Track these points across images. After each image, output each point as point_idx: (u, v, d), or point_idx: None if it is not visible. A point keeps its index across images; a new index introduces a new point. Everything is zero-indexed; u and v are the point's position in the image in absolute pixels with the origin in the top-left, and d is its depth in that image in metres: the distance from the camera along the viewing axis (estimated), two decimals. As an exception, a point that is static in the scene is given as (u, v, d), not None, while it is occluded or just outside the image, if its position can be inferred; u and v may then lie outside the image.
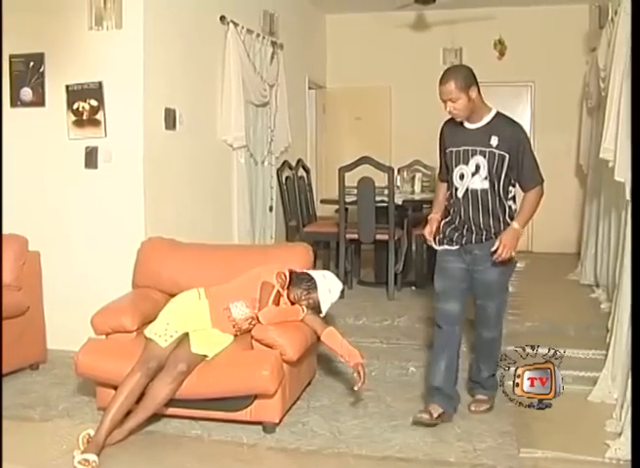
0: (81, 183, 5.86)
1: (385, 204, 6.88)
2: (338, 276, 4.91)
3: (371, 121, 10.38)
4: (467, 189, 4.38)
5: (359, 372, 4.36)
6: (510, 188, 4.40)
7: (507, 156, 4.26)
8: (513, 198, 4.44)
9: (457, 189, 4.43)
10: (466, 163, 4.36)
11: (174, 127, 6.13)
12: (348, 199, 7.09)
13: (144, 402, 4.16)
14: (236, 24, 7.07)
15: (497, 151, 4.27)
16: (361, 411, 4.72)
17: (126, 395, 4.07)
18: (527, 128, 10.10)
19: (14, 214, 5.89)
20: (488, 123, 4.33)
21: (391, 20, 10.16)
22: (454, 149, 4.43)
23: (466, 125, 4.37)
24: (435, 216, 4.65)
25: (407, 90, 10.17)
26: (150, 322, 4.45)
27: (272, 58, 8.05)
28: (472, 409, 4.67)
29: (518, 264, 8.68)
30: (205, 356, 4.27)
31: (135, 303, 4.84)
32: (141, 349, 4.25)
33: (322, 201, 8.26)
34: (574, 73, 9.26)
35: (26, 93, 5.96)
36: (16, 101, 5.99)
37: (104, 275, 5.73)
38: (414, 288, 7.25)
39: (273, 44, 8.10)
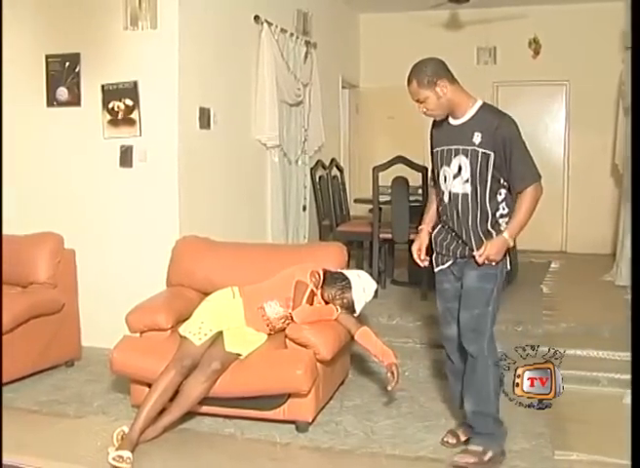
0: (116, 182, 5.89)
1: (419, 203, 6.86)
2: (371, 275, 4.89)
3: (404, 120, 10.28)
4: (450, 193, 3.92)
5: (393, 372, 4.32)
6: (501, 191, 3.85)
7: (492, 154, 3.75)
8: (503, 203, 3.88)
9: (443, 193, 3.98)
10: (448, 164, 3.90)
11: (208, 126, 6.15)
12: (382, 198, 7.07)
13: (178, 400, 4.17)
14: (270, 24, 7.09)
15: (480, 149, 3.77)
16: (394, 411, 4.70)
17: (160, 393, 4.09)
18: (562, 127, 10.06)
19: (49, 212, 5.98)
20: (472, 117, 3.84)
21: (425, 20, 10.13)
22: (438, 149, 4.00)
23: (450, 121, 3.92)
24: (425, 228, 4.19)
25: (440, 89, 10.12)
26: (184, 320, 4.47)
27: (306, 57, 8.06)
28: (455, 458, 3.93)
29: (552, 264, 8.74)
30: (239, 355, 4.27)
31: (169, 301, 4.87)
32: (176, 347, 4.26)
33: (356, 200, 8.26)
34: (609, 72, 9.17)
35: (62, 92, 6.00)
36: (52, 101, 6.04)
37: (139, 273, 5.76)
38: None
39: (307, 43, 8.11)
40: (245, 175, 6.93)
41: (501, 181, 3.83)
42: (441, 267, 4.06)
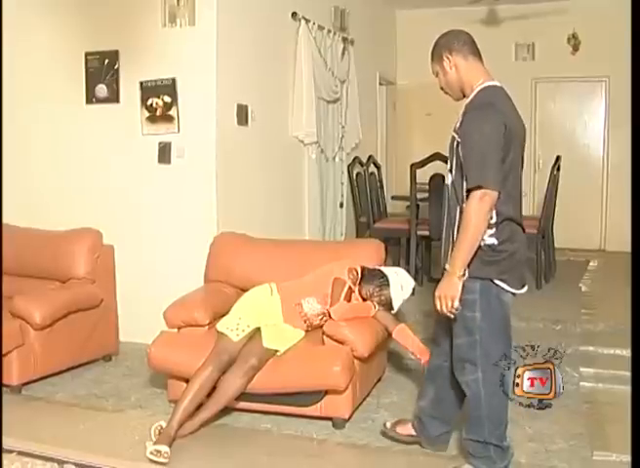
0: (154, 178, 5.93)
1: (457, 201, 6.81)
2: (408, 273, 4.87)
3: (441, 117, 10.11)
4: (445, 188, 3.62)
5: (430, 370, 4.30)
6: None
7: (460, 142, 3.40)
8: None
9: None
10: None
11: (246, 123, 6.16)
12: (419, 195, 7.04)
13: (216, 395, 4.19)
14: (307, 21, 7.09)
15: (456, 136, 3.45)
16: (431, 409, 4.68)
17: (198, 388, 4.10)
18: (601, 124, 9.92)
19: (89, 208, 6.04)
20: (470, 100, 3.49)
21: (462, 16, 9.98)
22: None
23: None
24: None
25: (478, 85, 10.08)
26: (222, 316, 4.48)
27: (343, 54, 8.05)
28: None
29: (591, 263, 8.63)
30: (276, 351, 4.28)
31: (207, 297, 4.89)
32: (213, 343, 4.27)
33: (393, 197, 8.23)
34: (650, 68, 9.04)
35: (101, 89, 6.05)
36: (91, 98, 6.10)
37: (177, 269, 5.79)
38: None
39: (344, 40, 8.10)
40: (282, 172, 6.94)
41: None
42: None
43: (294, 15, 6.94)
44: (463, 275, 3.32)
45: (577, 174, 9.35)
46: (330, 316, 4.38)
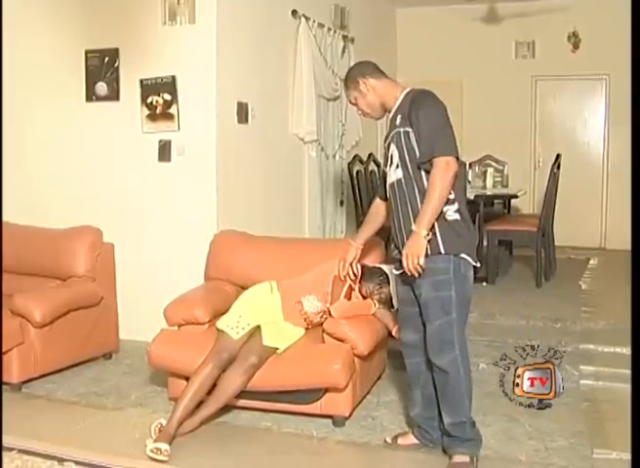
0: (154, 176, 5.93)
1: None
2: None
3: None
4: (388, 187, 3.80)
5: (430, 368, 4.31)
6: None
7: (410, 130, 3.60)
8: None
9: (386, 191, 3.86)
10: (386, 158, 3.81)
11: (246, 121, 6.16)
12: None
13: (216, 393, 4.19)
14: (307, 18, 7.09)
15: (401, 129, 3.66)
16: (431, 407, 4.68)
17: (198, 386, 4.10)
18: (601, 122, 9.91)
19: (89, 206, 6.03)
20: (398, 105, 3.75)
21: (462, 14, 10.04)
22: (384, 150, 3.90)
23: (388, 116, 3.88)
24: (354, 243, 4.31)
25: (478, 83, 10.07)
26: (222, 314, 4.48)
27: (343, 51, 8.06)
28: None
29: (591, 261, 8.63)
30: (276, 349, 4.27)
31: (207, 295, 4.89)
32: (213, 341, 4.27)
33: (393, 195, 8.20)
34: (651, 66, 9.03)
35: (101, 87, 6.04)
36: (91, 96, 6.09)
37: (177, 267, 5.79)
38: (485, 283, 7.15)
39: (344, 38, 8.10)
40: (282, 170, 6.94)
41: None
42: (395, 273, 3.91)
43: (294, 13, 6.94)
44: (427, 235, 3.51)
45: (577, 172, 9.34)
46: (330, 314, 4.39)
